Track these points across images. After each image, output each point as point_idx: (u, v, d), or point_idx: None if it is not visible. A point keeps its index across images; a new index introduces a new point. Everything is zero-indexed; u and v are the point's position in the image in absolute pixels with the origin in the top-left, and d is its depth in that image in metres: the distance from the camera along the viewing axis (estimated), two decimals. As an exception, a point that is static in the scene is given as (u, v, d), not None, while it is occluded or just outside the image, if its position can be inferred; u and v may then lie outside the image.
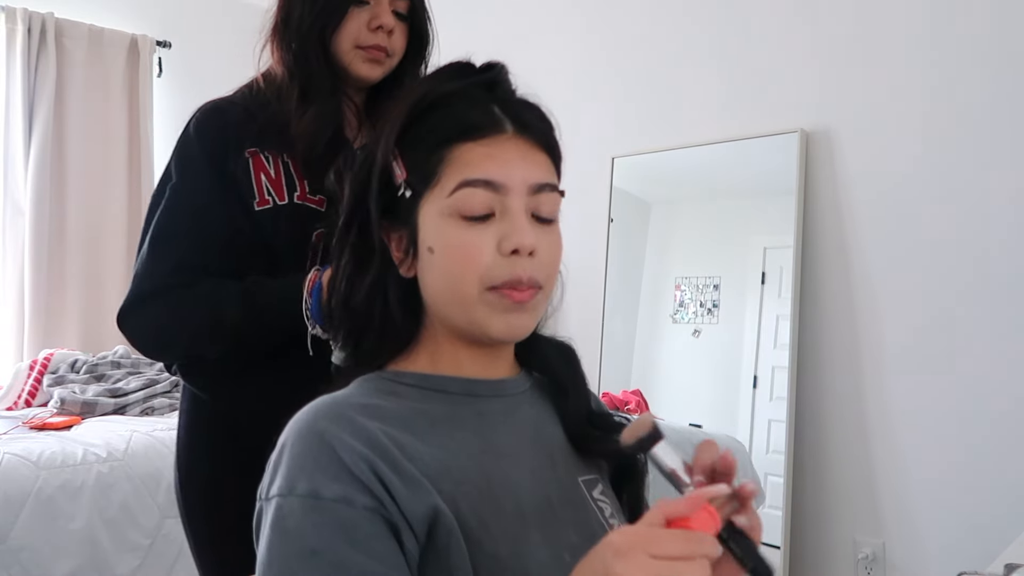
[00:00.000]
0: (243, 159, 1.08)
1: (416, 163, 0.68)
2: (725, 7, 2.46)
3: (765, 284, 2.32)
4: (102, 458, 1.96)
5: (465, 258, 0.66)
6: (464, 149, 0.67)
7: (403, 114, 0.70)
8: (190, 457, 1.18)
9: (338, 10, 1.08)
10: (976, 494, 1.92)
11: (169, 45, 3.88)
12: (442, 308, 0.69)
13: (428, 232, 0.68)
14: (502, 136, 0.68)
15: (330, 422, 0.62)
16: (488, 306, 0.67)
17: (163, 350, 1.13)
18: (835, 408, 2.18)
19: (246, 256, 1.07)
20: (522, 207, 0.67)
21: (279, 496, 0.59)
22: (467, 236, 0.66)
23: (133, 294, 1.07)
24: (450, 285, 0.67)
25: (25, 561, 1.79)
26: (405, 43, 1.15)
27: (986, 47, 1.94)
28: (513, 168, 0.67)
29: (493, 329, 0.67)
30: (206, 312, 1.03)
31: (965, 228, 1.96)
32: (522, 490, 0.66)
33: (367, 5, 1.10)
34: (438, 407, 0.69)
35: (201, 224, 1.07)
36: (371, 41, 1.10)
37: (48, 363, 2.57)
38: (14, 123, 3.42)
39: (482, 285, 0.66)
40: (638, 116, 2.66)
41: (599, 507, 0.72)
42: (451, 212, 0.66)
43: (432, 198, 0.67)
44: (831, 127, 2.21)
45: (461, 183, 0.66)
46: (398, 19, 1.13)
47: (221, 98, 1.18)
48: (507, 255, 0.66)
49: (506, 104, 0.70)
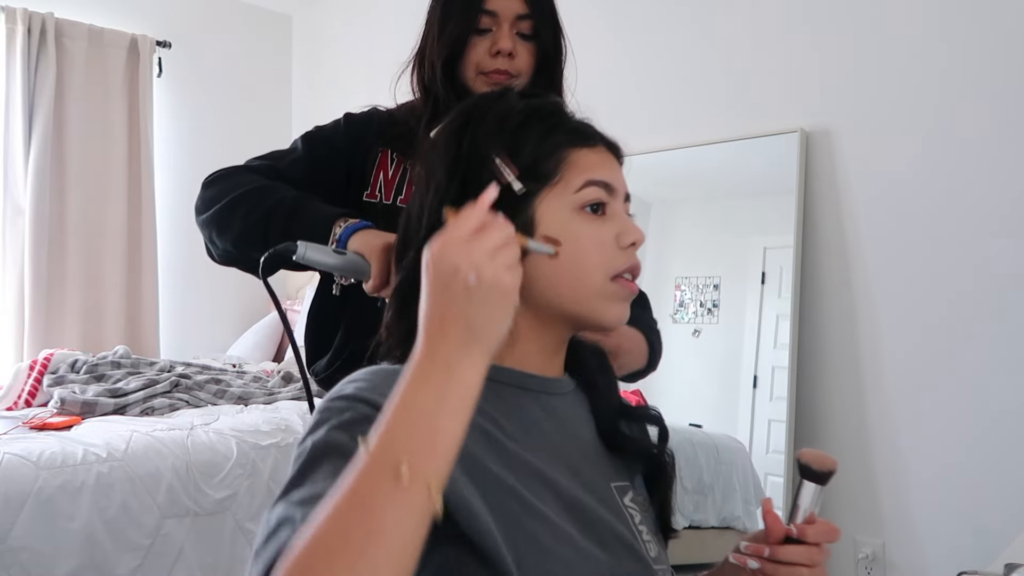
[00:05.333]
0: (375, 151, 1.20)
1: (530, 163, 0.72)
2: (725, 7, 2.46)
3: (765, 284, 2.32)
4: (102, 458, 1.96)
5: (592, 249, 0.72)
6: (581, 154, 0.74)
7: (505, 120, 0.74)
8: None
9: (460, 41, 1.15)
10: (976, 494, 1.92)
11: (169, 45, 3.88)
12: (555, 297, 0.72)
13: (551, 226, 0.72)
14: (601, 147, 0.77)
15: (359, 386, 0.65)
16: (609, 295, 0.73)
17: (212, 199, 1.15)
18: (835, 408, 2.18)
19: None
20: (623, 210, 0.76)
21: (310, 433, 0.63)
22: (591, 229, 0.72)
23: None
24: (575, 275, 0.72)
25: (25, 561, 1.79)
26: (532, 62, 1.18)
27: (986, 47, 1.94)
28: (618, 175, 0.76)
29: (609, 316, 0.74)
30: (263, 185, 1.12)
31: (965, 228, 1.96)
32: (560, 487, 0.69)
33: (489, 32, 1.15)
34: (485, 394, 0.69)
35: (315, 167, 1.19)
36: (492, 66, 1.15)
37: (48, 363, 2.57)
38: (14, 123, 3.42)
39: (606, 275, 0.72)
40: (638, 116, 2.66)
41: (629, 513, 0.74)
42: (576, 207, 0.72)
43: (553, 195, 0.72)
44: (831, 127, 2.21)
45: (588, 182, 0.73)
46: (522, 40, 1.16)
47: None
48: (625, 248, 0.74)
49: (588, 124, 0.79)
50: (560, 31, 1.22)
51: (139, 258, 3.73)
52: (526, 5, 1.16)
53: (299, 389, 2.73)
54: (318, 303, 1.26)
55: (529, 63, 1.18)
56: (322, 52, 4.21)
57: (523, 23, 1.16)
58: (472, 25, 1.14)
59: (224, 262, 1.18)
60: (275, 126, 4.30)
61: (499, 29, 1.15)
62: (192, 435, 2.15)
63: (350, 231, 1.01)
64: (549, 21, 1.19)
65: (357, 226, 1.02)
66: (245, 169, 1.17)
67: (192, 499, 2.04)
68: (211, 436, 2.18)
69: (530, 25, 1.16)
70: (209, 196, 1.14)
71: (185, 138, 4.00)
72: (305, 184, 1.15)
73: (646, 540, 0.74)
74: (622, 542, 0.70)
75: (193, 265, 3.79)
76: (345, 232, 1.01)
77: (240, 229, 1.08)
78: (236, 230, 1.09)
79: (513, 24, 1.15)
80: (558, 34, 1.21)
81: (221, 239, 1.12)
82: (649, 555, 0.73)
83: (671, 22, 2.60)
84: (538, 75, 1.19)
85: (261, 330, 3.83)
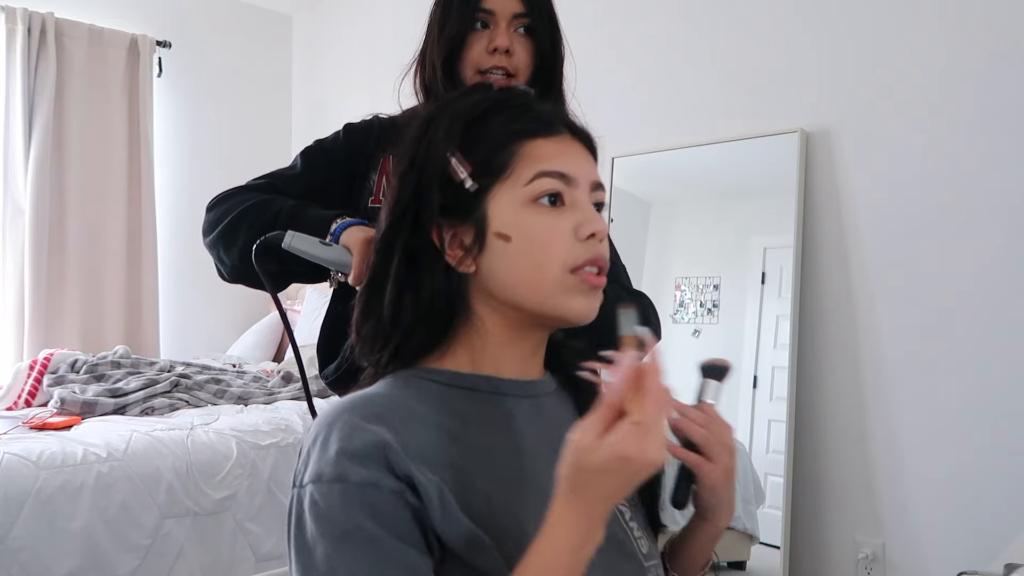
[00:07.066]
0: (377, 158, 1.20)
1: (482, 159, 0.71)
2: (725, 7, 2.46)
3: (765, 284, 2.32)
4: (102, 458, 1.96)
5: (548, 242, 0.69)
6: (535, 144, 0.72)
7: (459, 117, 0.73)
8: None
9: (459, 40, 1.15)
10: (976, 494, 1.92)
11: (169, 45, 3.88)
12: (514, 295, 0.71)
13: (503, 221, 0.70)
14: (563, 136, 0.74)
15: (357, 414, 0.65)
16: (569, 289, 0.70)
17: (217, 220, 1.17)
18: (835, 408, 2.18)
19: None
20: (586, 200, 0.72)
21: (312, 483, 0.62)
22: (545, 221, 0.70)
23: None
24: (530, 270, 0.70)
25: (25, 561, 1.79)
26: (529, 60, 1.18)
27: (986, 47, 1.94)
28: (579, 164, 0.73)
29: (569, 311, 0.71)
30: (263, 199, 1.14)
31: (965, 228, 1.96)
32: (546, 491, 0.67)
33: (486, 30, 1.15)
34: (468, 405, 0.71)
35: (315, 182, 1.20)
36: (490, 63, 1.15)
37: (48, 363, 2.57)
38: (14, 123, 3.42)
39: (564, 267, 0.70)
40: (638, 116, 2.66)
41: (619, 510, 0.74)
42: (527, 200, 0.70)
43: (504, 189, 0.71)
44: (831, 127, 2.21)
45: (539, 173, 0.70)
46: (520, 38, 1.17)
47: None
48: (584, 240, 0.70)
49: (554, 111, 0.76)
50: (558, 30, 1.22)
51: (139, 258, 3.73)
52: (523, 4, 1.16)
53: (299, 389, 2.73)
54: (333, 311, 1.27)
55: (527, 61, 1.18)
56: (322, 52, 4.20)
57: (520, 21, 1.17)
58: (470, 23, 1.15)
59: (233, 279, 1.19)
60: (275, 126, 4.30)
61: (496, 27, 1.15)
62: (192, 435, 2.16)
63: (344, 226, 1.02)
64: (546, 19, 1.20)
65: (352, 222, 1.03)
66: (246, 189, 1.19)
67: (192, 499, 2.04)
68: (211, 436, 2.18)
69: (527, 23, 1.17)
70: (213, 218, 1.16)
71: (185, 138, 4.01)
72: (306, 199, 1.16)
73: (637, 537, 0.74)
74: (613, 541, 0.69)
75: (193, 265, 3.80)
76: (340, 227, 1.02)
77: (246, 240, 1.09)
78: (242, 243, 1.10)
79: (510, 22, 1.16)
80: (556, 33, 1.22)
81: (228, 255, 1.13)
82: (641, 552, 0.73)
83: (671, 22, 2.60)
84: (537, 74, 1.20)
85: (261, 330, 3.83)
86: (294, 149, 3.89)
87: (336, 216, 1.05)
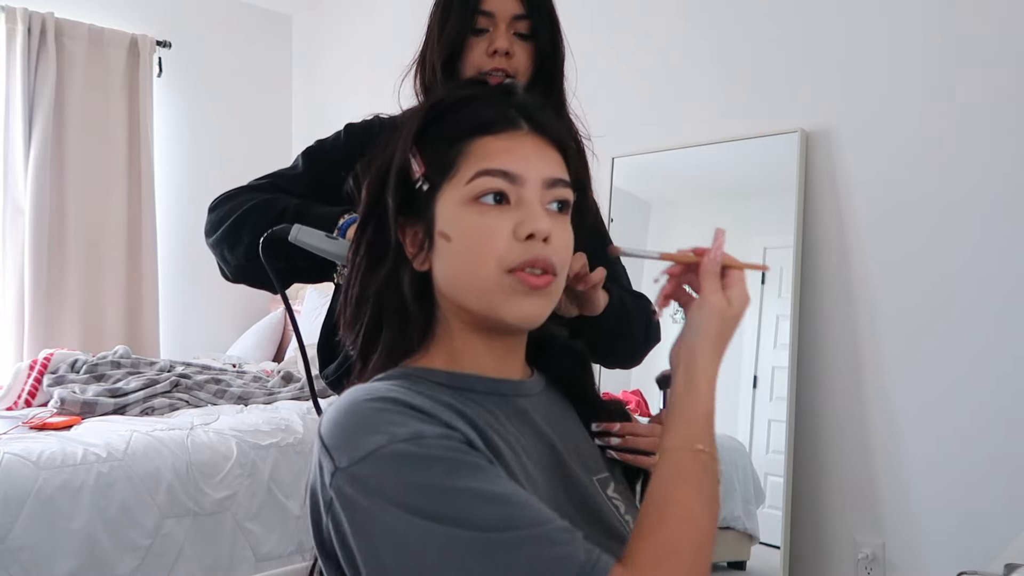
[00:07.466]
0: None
1: (434, 157, 0.71)
2: (725, 7, 2.46)
3: (765, 284, 2.32)
4: (102, 458, 1.96)
5: (482, 242, 0.68)
6: (482, 143, 0.70)
7: (420, 115, 0.73)
8: None
9: (458, 42, 1.15)
10: (976, 494, 1.92)
11: (169, 45, 3.88)
12: (457, 295, 0.70)
13: (445, 221, 0.70)
14: (518, 132, 0.71)
15: (390, 391, 0.64)
16: (505, 290, 0.68)
17: (220, 220, 1.17)
18: (835, 408, 2.18)
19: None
20: (537, 199, 0.70)
21: (370, 455, 0.59)
22: (484, 221, 0.68)
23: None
24: (467, 270, 0.69)
25: (25, 561, 1.79)
26: (529, 62, 1.18)
27: (985, 47, 1.94)
28: (529, 162, 0.70)
29: (509, 314, 0.69)
30: (267, 198, 1.13)
31: (965, 228, 1.96)
32: (540, 489, 0.68)
33: (486, 33, 1.15)
34: (481, 401, 0.70)
35: (317, 182, 1.19)
36: (490, 66, 1.15)
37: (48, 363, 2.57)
38: (14, 123, 3.42)
39: (500, 268, 0.68)
40: (638, 116, 2.66)
41: (615, 505, 0.74)
42: (468, 199, 0.69)
43: (450, 189, 0.70)
44: (831, 127, 2.21)
45: (479, 172, 0.69)
46: (519, 39, 1.16)
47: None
48: (523, 240, 0.68)
49: (521, 106, 0.74)
50: (558, 31, 1.22)
51: (139, 258, 3.73)
52: (522, 5, 1.16)
53: (299, 389, 2.73)
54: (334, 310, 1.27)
55: (527, 63, 1.18)
56: (322, 52, 4.20)
57: (520, 23, 1.16)
58: (469, 26, 1.15)
59: (237, 279, 1.18)
60: (275, 126, 4.30)
61: (496, 29, 1.15)
62: (192, 435, 2.15)
63: (351, 221, 1.02)
64: (546, 21, 1.19)
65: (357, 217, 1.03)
66: (248, 189, 1.19)
67: (192, 499, 2.04)
68: (211, 436, 2.18)
69: (527, 25, 1.16)
70: (216, 218, 1.15)
71: (185, 138, 4.01)
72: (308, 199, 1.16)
73: (626, 519, 0.75)
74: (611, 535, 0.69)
75: (193, 265, 3.80)
76: (347, 222, 1.02)
77: (251, 239, 1.08)
78: (247, 242, 1.09)
79: (510, 24, 1.15)
80: (556, 34, 1.21)
81: (233, 254, 1.13)
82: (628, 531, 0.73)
83: (671, 22, 2.60)
84: (537, 75, 1.19)
85: (261, 330, 3.83)
86: (294, 149, 3.90)
87: (344, 211, 1.04)
